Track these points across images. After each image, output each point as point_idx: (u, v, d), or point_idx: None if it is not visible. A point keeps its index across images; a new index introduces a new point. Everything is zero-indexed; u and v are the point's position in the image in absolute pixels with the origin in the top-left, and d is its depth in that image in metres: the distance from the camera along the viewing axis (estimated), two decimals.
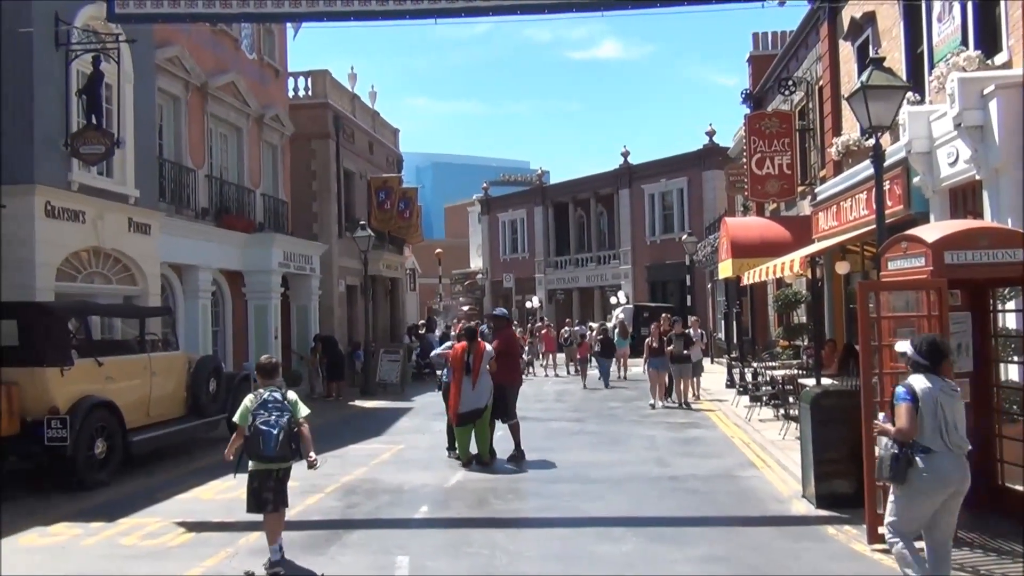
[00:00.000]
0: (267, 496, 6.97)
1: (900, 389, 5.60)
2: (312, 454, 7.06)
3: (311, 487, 10.29)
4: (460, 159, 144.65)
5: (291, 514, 8.94)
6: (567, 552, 7.48)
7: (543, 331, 30.47)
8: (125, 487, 10.61)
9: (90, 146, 12.92)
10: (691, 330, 18.55)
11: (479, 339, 11.93)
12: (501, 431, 12.06)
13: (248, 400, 7.07)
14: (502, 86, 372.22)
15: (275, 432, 6.85)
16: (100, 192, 13.81)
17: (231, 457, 7.14)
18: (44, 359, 10.55)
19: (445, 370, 12.46)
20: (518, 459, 11.67)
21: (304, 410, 7.19)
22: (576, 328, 28.55)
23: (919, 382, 5.52)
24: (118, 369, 11.62)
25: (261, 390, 7.15)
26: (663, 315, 19.91)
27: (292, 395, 7.25)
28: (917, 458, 5.45)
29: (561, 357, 29.07)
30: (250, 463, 6.97)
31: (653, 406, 17.45)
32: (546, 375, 27.92)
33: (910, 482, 5.50)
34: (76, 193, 13.18)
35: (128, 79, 14.46)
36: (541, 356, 29.80)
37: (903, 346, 5.90)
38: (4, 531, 8.32)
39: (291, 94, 24.67)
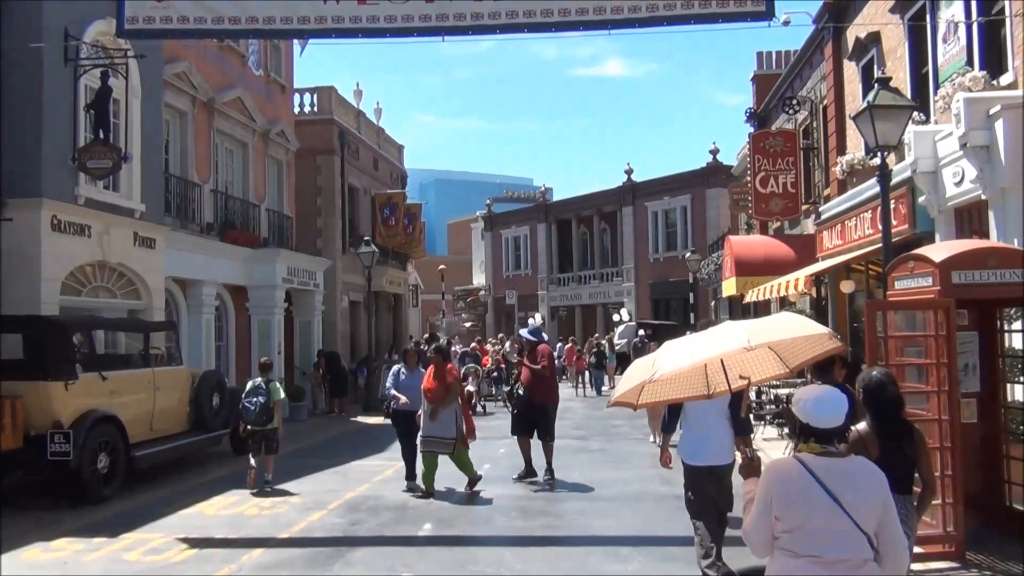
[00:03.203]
0: (254, 447, 11.13)
1: None
2: (280, 422, 11.42)
3: (314, 503, 10.28)
4: (464, 176, 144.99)
5: (294, 531, 8.97)
6: (574, 571, 7.44)
7: (568, 347, 30.98)
8: (128, 502, 10.58)
9: (97, 160, 12.97)
10: None
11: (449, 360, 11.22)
12: (503, 448, 12.02)
13: (248, 385, 11.50)
14: (507, 103, 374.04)
15: (252, 408, 11.06)
16: (106, 206, 13.85)
17: (242, 434, 11.50)
18: (48, 373, 10.55)
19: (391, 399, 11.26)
20: (550, 479, 11.28)
21: (280, 393, 11.50)
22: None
23: None
24: (122, 383, 11.61)
25: (257, 379, 11.46)
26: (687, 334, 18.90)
27: (275, 384, 11.43)
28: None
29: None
30: (247, 426, 11.13)
31: (658, 444, 16.23)
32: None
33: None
34: (82, 207, 13.22)
35: (136, 94, 14.53)
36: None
37: None
38: (5, 546, 8.29)
39: (297, 110, 24.77)
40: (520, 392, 11.60)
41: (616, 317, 40.36)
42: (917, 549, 6.95)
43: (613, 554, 7.93)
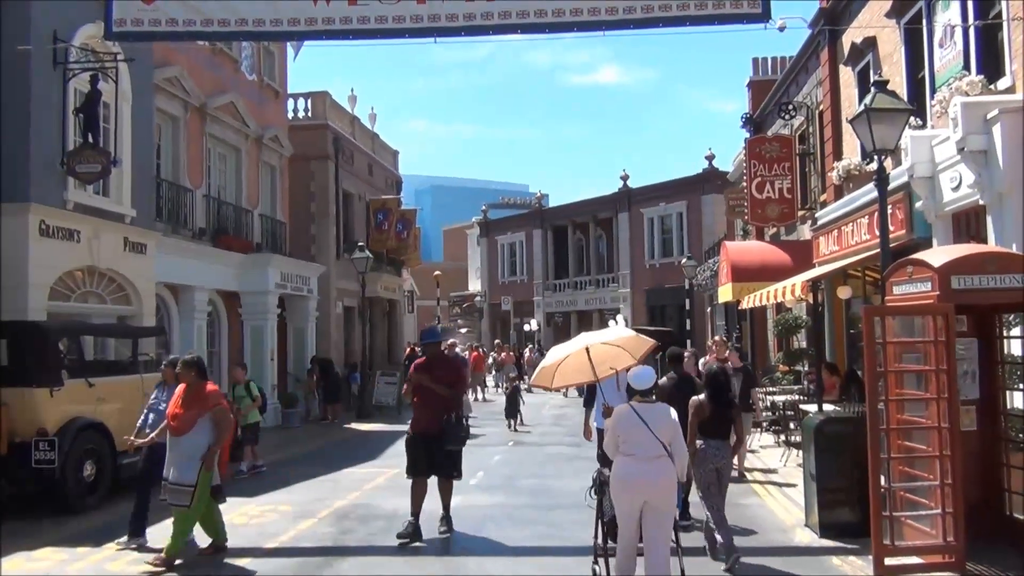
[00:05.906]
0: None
1: None
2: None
3: (303, 512, 10.13)
4: (459, 182, 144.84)
5: (282, 539, 8.82)
6: None
7: None
8: (113, 511, 10.34)
9: (86, 165, 12.82)
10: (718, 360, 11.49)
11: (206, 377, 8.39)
12: (498, 455, 11.86)
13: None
14: (502, 110, 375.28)
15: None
16: (96, 211, 13.70)
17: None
18: (33, 379, 10.36)
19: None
20: (447, 529, 9.03)
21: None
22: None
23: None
24: (109, 390, 11.41)
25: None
26: (716, 338, 17.53)
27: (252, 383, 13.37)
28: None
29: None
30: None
31: None
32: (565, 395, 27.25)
33: None
34: (72, 212, 13.07)
35: (126, 98, 14.40)
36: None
37: None
38: None
39: (291, 115, 24.66)
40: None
41: (612, 323, 40.25)
42: (917, 560, 6.91)
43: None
